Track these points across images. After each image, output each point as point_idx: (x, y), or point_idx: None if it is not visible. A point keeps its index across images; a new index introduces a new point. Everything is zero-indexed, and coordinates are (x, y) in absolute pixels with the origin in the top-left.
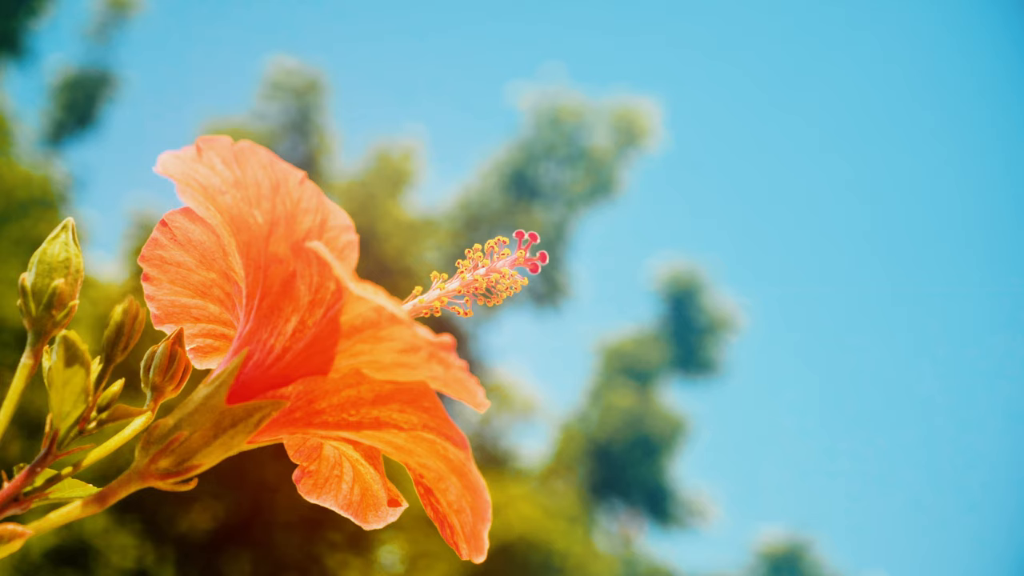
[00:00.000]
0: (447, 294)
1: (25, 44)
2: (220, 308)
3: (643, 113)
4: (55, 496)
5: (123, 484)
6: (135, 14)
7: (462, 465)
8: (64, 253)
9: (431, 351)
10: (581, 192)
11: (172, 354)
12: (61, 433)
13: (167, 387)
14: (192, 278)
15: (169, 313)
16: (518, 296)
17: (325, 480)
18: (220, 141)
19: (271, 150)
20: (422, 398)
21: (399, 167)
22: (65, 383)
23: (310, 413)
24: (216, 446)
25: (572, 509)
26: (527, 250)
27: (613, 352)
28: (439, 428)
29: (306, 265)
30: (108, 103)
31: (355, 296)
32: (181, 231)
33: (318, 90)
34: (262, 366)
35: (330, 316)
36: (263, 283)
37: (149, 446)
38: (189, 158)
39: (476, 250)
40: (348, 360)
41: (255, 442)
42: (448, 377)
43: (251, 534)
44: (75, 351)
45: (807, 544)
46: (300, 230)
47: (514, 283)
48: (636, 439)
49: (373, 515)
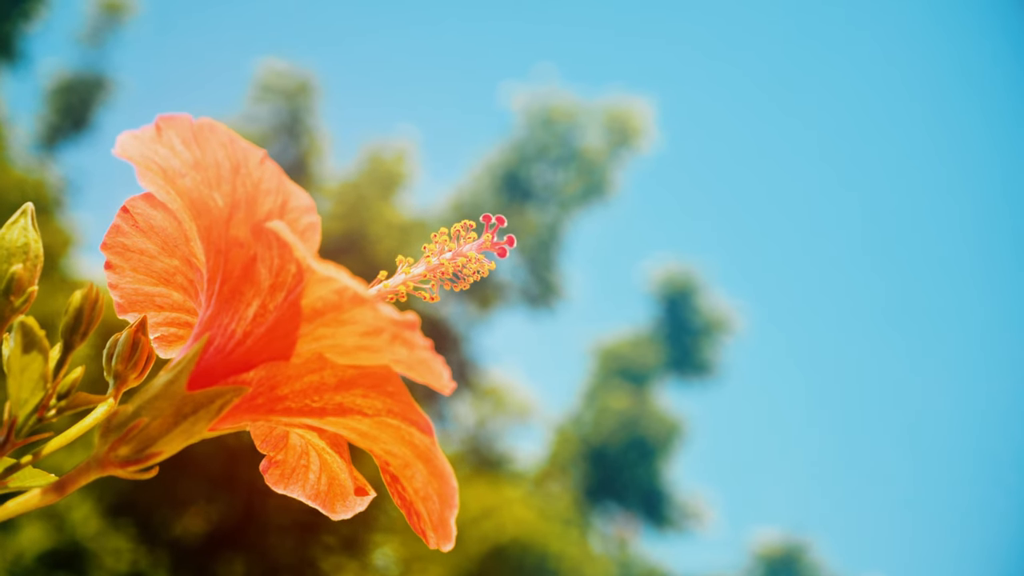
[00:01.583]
0: (412, 279)
1: (19, 48)
2: (184, 296)
3: (636, 113)
4: (14, 485)
5: (82, 472)
6: (128, 18)
7: (428, 451)
8: (23, 238)
9: (394, 332)
10: (574, 193)
11: (135, 342)
12: (19, 421)
13: (130, 375)
14: (155, 265)
15: (132, 301)
16: (512, 297)
17: (292, 470)
18: (179, 119)
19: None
20: (386, 383)
21: (391, 169)
22: (23, 369)
23: (272, 399)
24: (177, 433)
25: (567, 512)
26: (494, 234)
27: (608, 354)
28: (404, 413)
29: (267, 248)
30: (102, 107)
31: (317, 278)
32: (143, 217)
33: (309, 92)
34: (223, 351)
35: (291, 299)
36: (224, 267)
37: (108, 433)
38: (148, 138)
39: (442, 234)
40: (310, 344)
41: (217, 429)
42: (412, 359)
43: (245, 537)
44: (33, 337)
45: (804, 546)
46: (261, 212)
47: (481, 267)
48: (631, 441)
49: (341, 505)
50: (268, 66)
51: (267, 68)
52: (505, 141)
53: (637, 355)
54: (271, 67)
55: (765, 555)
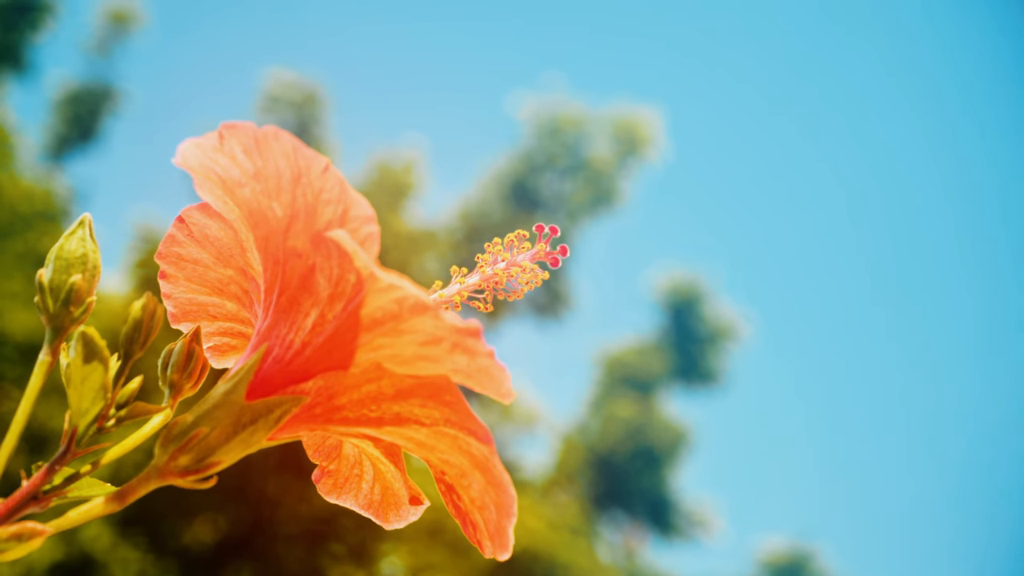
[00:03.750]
0: (467, 288)
1: (27, 58)
2: (238, 306)
3: (643, 123)
4: (74, 495)
5: (142, 482)
6: (136, 28)
7: (486, 460)
8: (81, 249)
9: (455, 340)
10: (582, 202)
11: (190, 352)
12: (80, 430)
13: (185, 385)
14: (209, 275)
15: (186, 311)
16: (520, 307)
17: (345, 479)
18: (243, 127)
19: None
20: (444, 392)
21: (399, 179)
22: (83, 380)
23: (330, 409)
24: (236, 443)
25: (575, 520)
26: (547, 243)
27: (614, 362)
28: (462, 423)
29: (326, 258)
30: (110, 117)
31: (378, 287)
32: (198, 227)
33: (317, 102)
34: (281, 362)
35: (350, 309)
36: (282, 277)
37: (168, 443)
38: (210, 147)
39: (496, 244)
40: (369, 354)
41: (275, 439)
42: (472, 367)
43: (253, 547)
44: (94, 347)
45: (810, 553)
46: (321, 222)
47: (535, 277)
48: (638, 449)
49: (394, 514)
50: (276, 76)
51: (275, 79)
52: (513, 150)
53: (643, 363)
54: (279, 77)
55: (771, 563)
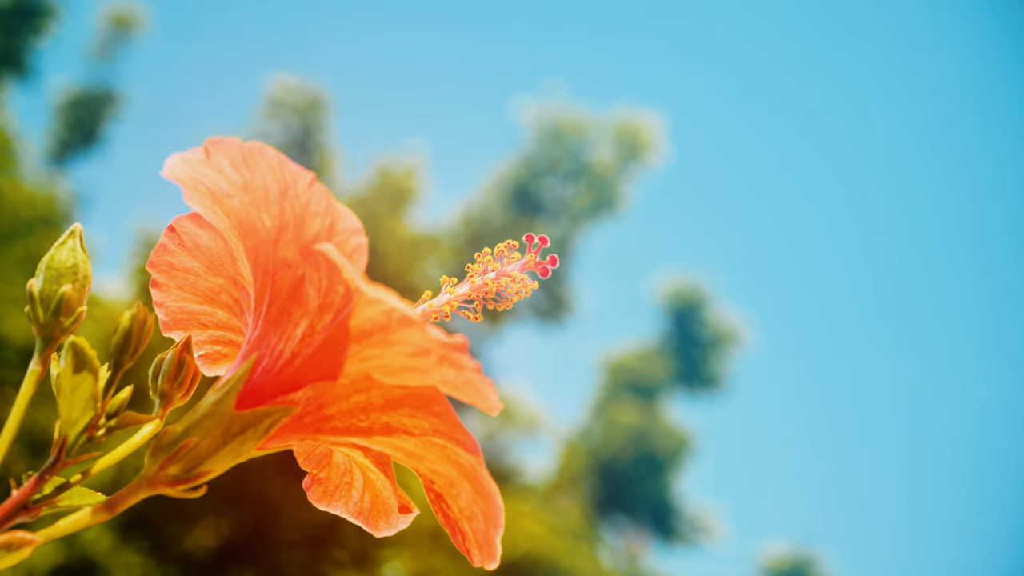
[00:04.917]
0: (457, 298)
1: (29, 63)
2: (228, 314)
3: (645, 127)
4: (64, 504)
5: (132, 491)
6: (138, 33)
7: (473, 470)
8: (72, 259)
9: (442, 353)
10: (584, 207)
11: (181, 361)
12: (70, 440)
13: (176, 394)
14: (200, 284)
15: (177, 320)
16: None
17: (335, 487)
18: (229, 142)
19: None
20: (432, 402)
21: (401, 184)
22: (73, 389)
23: (320, 419)
24: (225, 452)
25: (577, 526)
26: (537, 253)
27: (617, 367)
28: (450, 433)
29: (315, 269)
30: (112, 121)
31: (365, 299)
32: (189, 236)
33: (319, 108)
34: (271, 371)
35: (339, 320)
36: (271, 288)
37: (158, 453)
38: (197, 161)
39: (486, 254)
40: (358, 365)
41: (264, 448)
42: (459, 380)
43: (255, 552)
44: (83, 357)
45: (812, 559)
46: (309, 233)
47: (524, 287)
48: (640, 455)
49: (384, 522)
50: (279, 82)
51: (278, 84)
52: (515, 155)
53: (645, 368)
54: (282, 83)
55: (773, 568)
